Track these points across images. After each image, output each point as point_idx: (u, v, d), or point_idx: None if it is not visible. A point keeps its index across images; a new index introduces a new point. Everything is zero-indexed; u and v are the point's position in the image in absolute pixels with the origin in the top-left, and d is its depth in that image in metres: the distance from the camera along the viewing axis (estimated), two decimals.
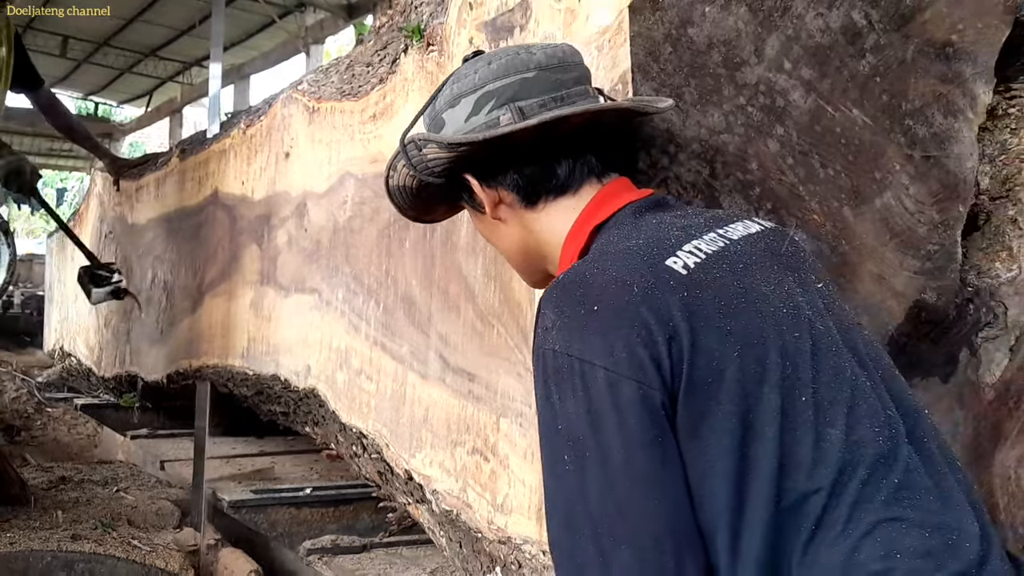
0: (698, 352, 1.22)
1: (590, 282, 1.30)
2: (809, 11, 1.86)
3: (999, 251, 2.07)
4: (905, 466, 1.23)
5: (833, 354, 1.30)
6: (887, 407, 1.29)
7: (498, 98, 1.48)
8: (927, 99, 1.96)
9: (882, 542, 1.17)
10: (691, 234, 1.37)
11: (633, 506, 1.22)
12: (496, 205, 1.54)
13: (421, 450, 2.34)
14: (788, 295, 1.33)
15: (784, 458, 1.21)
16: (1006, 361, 2.01)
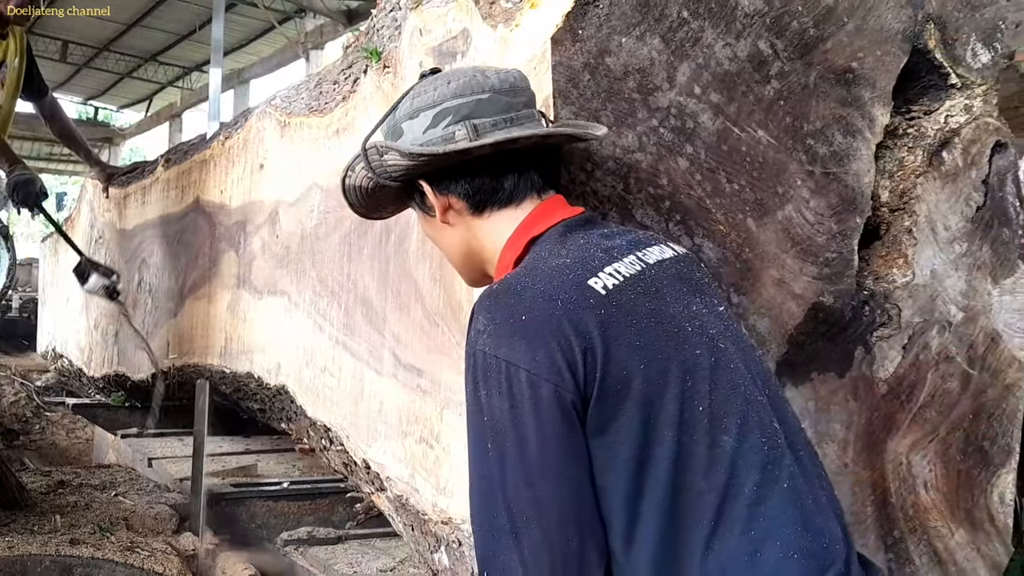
0: (610, 363, 1.43)
1: (520, 294, 1.50)
2: (718, 41, 2.09)
3: (896, 258, 2.31)
4: (790, 473, 1.45)
5: (730, 371, 1.51)
6: (773, 420, 1.50)
7: (455, 115, 1.67)
8: (828, 120, 2.20)
9: (781, 544, 1.39)
10: (613, 256, 1.57)
11: (544, 491, 1.43)
12: (446, 210, 1.72)
13: (377, 440, 2.58)
14: (694, 316, 1.54)
15: (680, 459, 1.42)
16: (899, 358, 2.25)
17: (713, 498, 1.41)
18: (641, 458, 1.43)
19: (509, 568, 1.44)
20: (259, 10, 19.19)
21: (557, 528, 1.43)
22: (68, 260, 5.51)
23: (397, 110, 1.75)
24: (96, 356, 5.58)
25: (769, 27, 2.13)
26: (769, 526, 1.40)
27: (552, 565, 1.42)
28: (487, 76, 1.72)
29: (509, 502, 1.44)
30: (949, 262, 2.31)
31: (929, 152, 2.32)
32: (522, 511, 1.43)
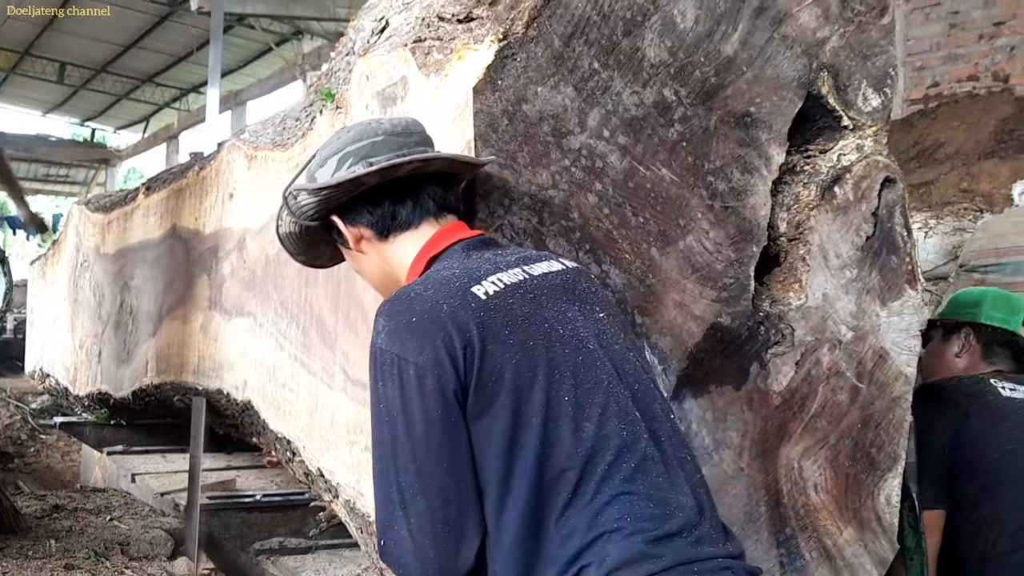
0: (486, 357, 1.72)
1: (412, 300, 1.81)
2: (626, 89, 2.39)
3: (792, 283, 2.61)
4: (643, 456, 1.74)
5: (596, 368, 1.80)
6: (635, 411, 1.79)
7: (355, 156, 1.99)
8: (727, 160, 2.50)
9: (618, 509, 1.68)
10: (499, 268, 1.88)
11: (427, 467, 1.72)
12: (358, 240, 2.03)
13: (329, 450, 2.88)
14: (568, 320, 1.84)
15: (546, 442, 1.71)
16: (792, 373, 2.55)
17: (573, 475, 1.69)
18: (512, 440, 1.71)
19: (400, 536, 1.73)
20: (257, 32, 19.57)
21: (439, 500, 1.71)
22: (55, 281, 5.82)
23: (312, 162, 2.08)
24: (81, 375, 5.90)
25: (673, 76, 2.42)
26: (614, 495, 1.68)
27: (435, 533, 1.71)
28: (380, 123, 2.06)
29: (399, 478, 1.73)
30: (840, 286, 2.61)
31: (822, 187, 2.62)
32: (410, 485, 1.72)
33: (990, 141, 7.51)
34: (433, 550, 1.72)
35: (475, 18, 2.45)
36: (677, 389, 2.41)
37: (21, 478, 7.39)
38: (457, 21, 2.49)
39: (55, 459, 8.42)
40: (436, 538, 1.72)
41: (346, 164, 1.99)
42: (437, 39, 2.49)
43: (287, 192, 2.07)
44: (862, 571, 2.59)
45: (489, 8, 2.44)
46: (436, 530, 1.72)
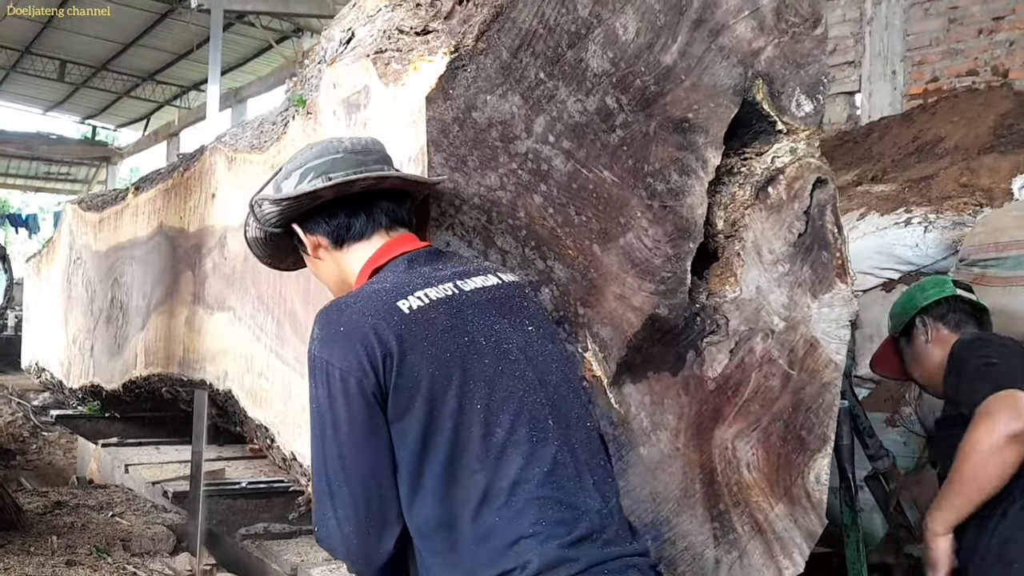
0: (404, 365, 1.92)
1: (343, 310, 2.02)
2: (570, 98, 2.62)
3: (728, 277, 2.87)
4: (554, 461, 1.96)
5: (514, 377, 2.01)
6: (548, 419, 2.00)
7: (315, 171, 2.19)
8: (666, 162, 2.73)
9: (533, 513, 1.90)
10: (430, 283, 2.06)
11: (350, 461, 1.94)
12: (316, 247, 2.24)
13: (301, 436, 3.13)
14: (493, 333, 2.05)
15: (456, 445, 1.92)
16: (726, 360, 2.80)
17: (483, 477, 1.90)
18: (424, 441, 1.92)
19: (330, 524, 1.97)
20: (256, 30, 19.82)
21: (361, 491, 1.94)
22: (50, 278, 6.11)
23: (278, 175, 2.32)
24: (74, 369, 6.19)
25: (615, 85, 2.66)
26: (527, 501, 1.89)
27: (357, 522, 1.94)
28: (342, 141, 2.28)
29: (328, 471, 1.96)
30: (773, 280, 2.86)
31: (756, 188, 2.88)
32: (336, 477, 1.95)
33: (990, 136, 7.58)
34: (356, 537, 1.95)
35: (431, 31, 2.69)
36: (617, 375, 2.64)
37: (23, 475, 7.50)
38: (415, 34, 2.74)
39: (57, 456, 8.51)
40: (359, 526, 1.94)
41: (307, 178, 2.20)
42: (397, 50, 2.73)
43: (253, 201, 2.29)
44: (792, 544, 2.84)
45: (444, 22, 2.68)
46: (359, 519, 1.94)
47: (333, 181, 2.16)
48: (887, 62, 9.32)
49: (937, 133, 8.05)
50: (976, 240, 4.74)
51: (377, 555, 1.97)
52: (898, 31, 9.25)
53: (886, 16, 9.28)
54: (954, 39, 8.99)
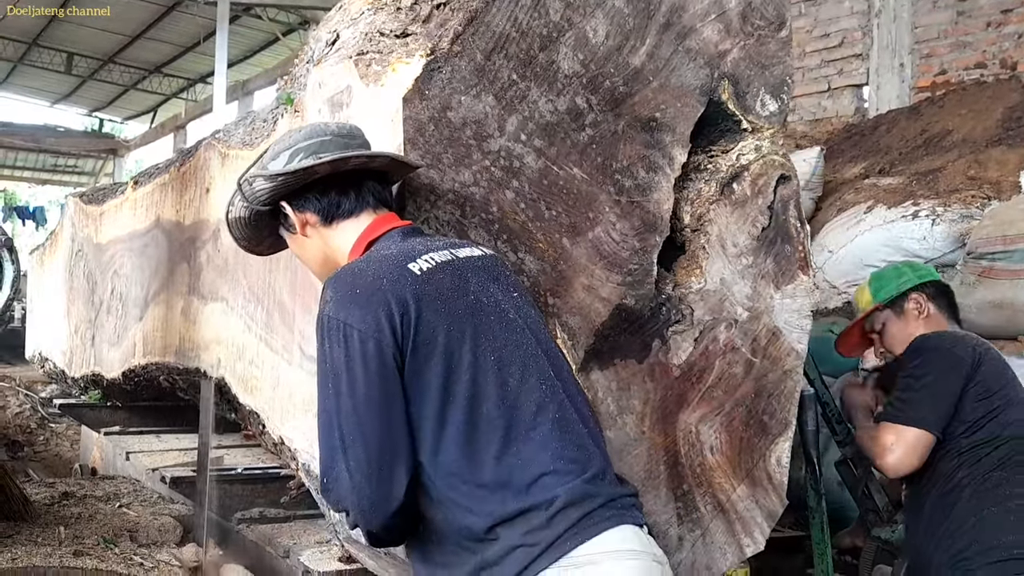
0: (421, 323, 2.09)
1: (357, 274, 2.17)
2: (542, 98, 2.80)
3: (694, 269, 3.05)
4: (559, 408, 2.16)
5: (517, 333, 2.21)
6: (550, 371, 2.20)
7: (305, 151, 2.34)
8: (634, 160, 2.92)
9: (551, 453, 2.10)
10: (430, 249, 2.25)
11: (365, 418, 2.08)
12: (304, 225, 2.38)
13: (288, 420, 3.34)
14: (491, 294, 2.24)
15: (475, 394, 2.09)
16: (691, 348, 2.99)
17: (502, 422, 2.08)
18: (445, 392, 2.08)
19: (341, 475, 2.10)
20: (263, 22, 20.00)
21: (375, 446, 2.07)
22: (53, 270, 6.35)
23: (264, 156, 2.47)
24: (76, 358, 6.43)
25: (585, 86, 2.84)
26: (543, 442, 2.09)
27: (370, 472, 2.08)
28: (328, 125, 2.46)
29: (341, 426, 2.09)
30: (737, 272, 3.05)
31: (721, 183, 3.06)
32: (350, 432, 2.08)
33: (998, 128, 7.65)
34: (368, 487, 2.08)
35: (410, 34, 2.87)
36: (585, 362, 2.83)
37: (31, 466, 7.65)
38: (395, 36, 2.91)
39: (64, 447, 8.72)
40: (371, 477, 2.08)
41: (297, 158, 2.35)
42: (377, 52, 2.92)
43: (242, 179, 2.43)
44: (753, 523, 3.03)
45: (422, 25, 2.85)
46: (371, 470, 2.07)
47: (328, 157, 2.31)
48: (895, 55, 9.45)
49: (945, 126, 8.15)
50: (984, 233, 4.91)
51: (388, 505, 2.09)
52: (906, 24, 9.38)
53: (894, 8, 9.41)
54: (962, 32, 9.10)
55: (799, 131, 9.61)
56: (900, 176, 6.92)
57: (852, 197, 6.67)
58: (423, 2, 2.87)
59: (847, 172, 7.82)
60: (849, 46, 9.93)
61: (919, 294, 3.57)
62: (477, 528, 2.08)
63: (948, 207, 5.68)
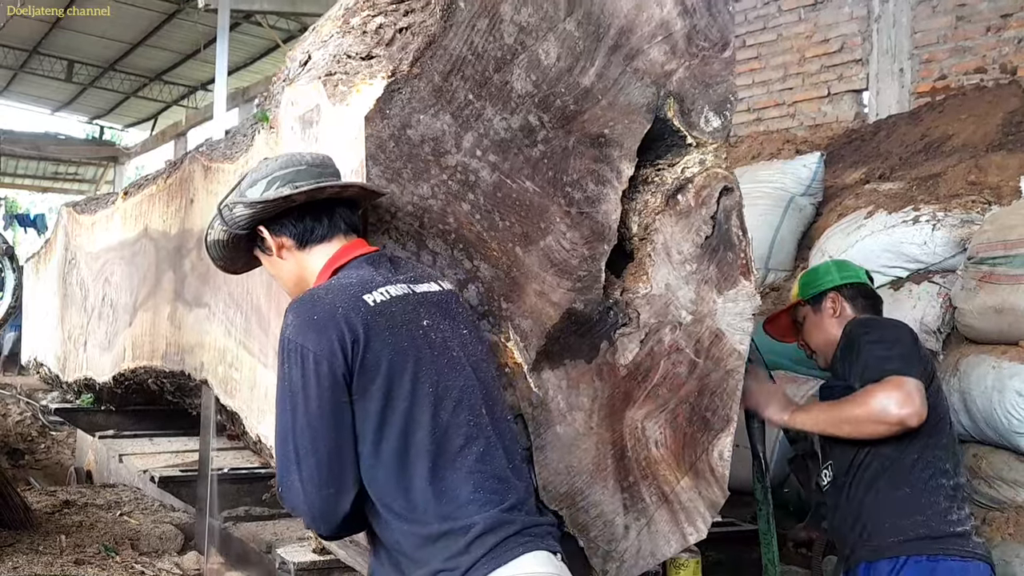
0: (368, 351, 2.32)
1: (316, 301, 2.41)
2: (496, 116, 3.05)
3: (641, 275, 3.34)
4: (487, 443, 2.41)
5: (456, 369, 2.43)
6: (482, 407, 2.44)
7: (281, 180, 2.58)
8: (583, 173, 3.17)
9: (473, 483, 2.36)
10: (389, 281, 2.47)
11: (319, 433, 2.34)
12: (280, 248, 2.62)
13: (264, 419, 3.63)
14: (439, 330, 2.49)
15: (409, 421, 2.33)
16: (637, 349, 3.27)
17: (430, 451, 2.34)
18: (383, 417, 2.34)
19: (294, 485, 2.38)
20: (263, 29, 20.24)
21: (325, 459, 2.35)
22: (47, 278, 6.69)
23: (242, 184, 2.69)
24: (69, 363, 6.77)
25: (537, 105, 3.09)
26: (467, 473, 2.34)
27: (319, 484, 2.35)
28: (303, 156, 2.69)
29: (296, 441, 2.36)
30: (681, 278, 3.34)
31: (666, 195, 3.35)
32: (303, 447, 2.35)
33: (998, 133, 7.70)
34: (318, 499, 2.36)
35: (374, 56, 3.13)
36: (536, 362, 3.09)
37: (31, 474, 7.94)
38: (360, 59, 3.19)
39: (65, 455, 8.97)
40: (320, 488, 2.34)
41: (274, 186, 2.58)
42: (344, 73, 3.20)
43: (222, 205, 2.65)
44: (696, 513, 3.32)
45: (386, 48, 3.12)
46: (321, 482, 2.33)
47: (306, 187, 2.56)
48: (895, 60, 9.62)
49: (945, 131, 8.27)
50: (984, 238, 5.01)
51: (336, 514, 2.37)
52: (906, 29, 9.55)
53: (893, 14, 9.57)
54: (962, 36, 9.22)
55: (799, 136, 9.77)
56: (900, 181, 7.03)
57: (852, 202, 6.79)
58: (387, 26, 3.11)
59: (847, 177, 7.91)
60: (849, 51, 10.07)
61: (837, 294, 3.87)
62: (406, 546, 2.36)
63: (949, 212, 5.75)
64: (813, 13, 10.29)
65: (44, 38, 22.14)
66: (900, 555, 3.35)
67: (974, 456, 4.83)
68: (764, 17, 10.40)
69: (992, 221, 5.14)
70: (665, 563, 3.57)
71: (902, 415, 3.30)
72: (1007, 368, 4.64)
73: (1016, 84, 8.63)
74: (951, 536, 3.34)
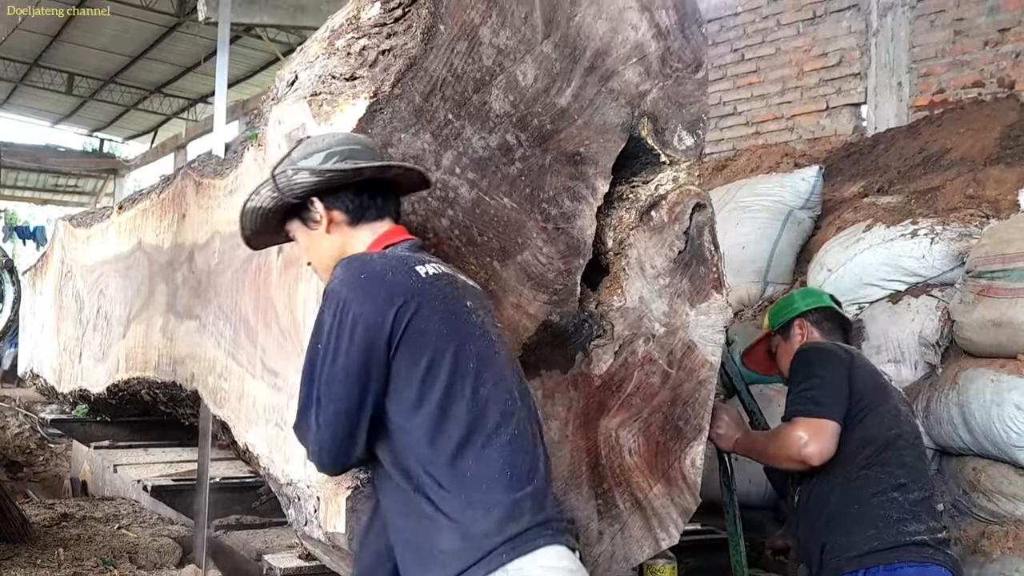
0: (416, 318, 2.40)
1: (367, 262, 2.50)
2: (475, 135, 3.17)
3: (616, 289, 3.50)
4: (518, 426, 2.46)
5: (492, 351, 2.51)
6: (514, 391, 2.51)
7: (340, 155, 2.61)
8: (559, 190, 3.30)
9: (502, 461, 2.38)
10: (431, 261, 2.59)
11: (341, 390, 2.41)
12: (331, 222, 2.63)
13: (251, 428, 3.79)
14: (479, 314, 2.55)
15: (448, 393, 2.39)
16: (611, 360, 3.43)
17: (465, 423, 2.39)
18: (423, 385, 2.40)
19: (311, 424, 2.49)
20: (264, 43, 20.39)
21: (344, 413, 2.42)
22: (43, 290, 6.88)
23: (292, 154, 2.69)
24: (65, 374, 6.95)
25: (515, 124, 3.23)
26: (499, 451, 2.39)
27: (334, 433, 2.46)
28: (357, 136, 2.79)
29: (319, 388, 2.44)
30: (655, 291, 3.50)
31: (640, 211, 3.51)
32: (325, 395, 2.43)
33: (996, 147, 7.69)
34: (330, 443, 2.46)
35: (357, 77, 3.28)
36: None
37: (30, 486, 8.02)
38: (344, 79, 3.33)
39: (64, 467, 9.01)
40: (334, 437, 2.45)
41: (333, 159, 2.60)
42: (329, 93, 3.34)
43: (277, 171, 2.65)
44: (669, 519, 3.47)
45: (369, 69, 3.27)
46: (336, 432, 2.44)
47: (376, 163, 2.64)
48: (893, 74, 9.70)
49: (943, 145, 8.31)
50: (982, 252, 5.07)
51: (342, 460, 2.51)
52: (904, 43, 9.63)
53: (892, 28, 9.66)
54: (960, 51, 9.26)
55: (798, 150, 9.82)
56: (899, 195, 7.09)
57: (851, 216, 6.84)
58: (370, 48, 3.25)
59: (846, 191, 7.96)
60: (847, 65, 10.14)
61: (802, 320, 4.06)
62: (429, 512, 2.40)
63: (947, 225, 5.78)
64: (812, 27, 10.39)
65: (45, 51, 22.39)
66: (859, 569, 3.50)
67: (973, 469, 4.87)
68: (763, 31, 10.51)
69: (990, 235, 5.19)
70: (642, 569, 3.71)
71: (803, 455, 3.58)
72: (1006, 381, 4.67)
73: (1014, 98, 8.65)
74: (908, 545, 3.47)
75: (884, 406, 3.68)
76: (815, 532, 3.65)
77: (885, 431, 3.62)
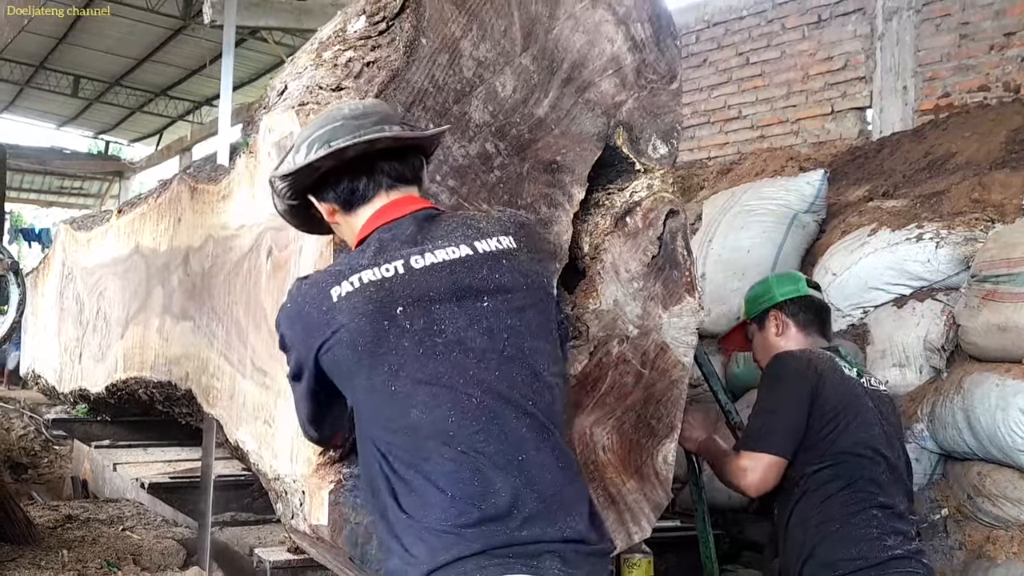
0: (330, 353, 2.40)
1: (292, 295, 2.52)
2: (455, 144, 3.32)
3: (591, 292, 3.68)
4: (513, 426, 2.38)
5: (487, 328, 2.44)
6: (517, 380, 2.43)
7: (319, 141, 2.48)
8: (536, 197, 3.46)
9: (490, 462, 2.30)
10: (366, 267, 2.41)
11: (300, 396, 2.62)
12: (331, 214, 2.58)
13: (241, 425, 3.99)
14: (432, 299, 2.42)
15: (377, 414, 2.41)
16: (586, 361, 3.60)
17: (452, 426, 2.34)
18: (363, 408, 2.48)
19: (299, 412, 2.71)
20: (269, 45, 20.60)
21: (313, 415, 2.67)
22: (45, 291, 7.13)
23: (291, 151, 2.62)
24: (65, 375, 7.19)
25: (494, 133, 3.38)
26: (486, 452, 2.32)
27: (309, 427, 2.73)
28: (340, 108, 2.60)
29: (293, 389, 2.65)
30: (629, 294, 3.68)
31: (615, 217, 3.70)
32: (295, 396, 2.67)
33: (1001, 151, 7.65)
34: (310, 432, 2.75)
35: (343, 88, 3.45)
36: None
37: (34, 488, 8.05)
38: (331, 90, 3.50)
39: (68, 469, 8.96)
40: (309, 430, 2.74)
41: (313, 148, 2.49)
42: (316, 103, 3.53)
43: (271, 179, 2.65)
44: (641, 514, 3.65)
45: (354, 80, 3.45)
46: (311, 426, 2.71)
47: (324, 151, 2.47)
48: (898, 77, 9.79)
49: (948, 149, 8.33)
50: (988, 256, 5.14)
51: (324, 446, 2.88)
52: (909, 47, 9.72)
53: (897, 32, 9.75)
54: (965, 55, 9.33)
55: (803, 154, 9.85)
56: (904, 199, 7.13)
57: (856, 220, 6.88)
58: (356, 60, 3.41)
59: (851, 195, 8.02)
60: (852, 69, 10.20)
61: (778, 311, 4.06)
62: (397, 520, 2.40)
63: (952, 230, 5.84)
64: (817, 31, 10.48)
65: (50, 53, 22.66)
66: None
67: (978, 474, 4.91)
68: (768, 35, 10.64)
69: (995, 239, 5.23)
70: (619, 563, 3.91)
71: (742, 486, 3.74)
72: (1011, 386, 4.70)
73: (1020, 102, 8.62)
74: (890, 560, 3.56)
75: (858, 418, 3.72)
76: (795, 547, 3.71)
77: (861, 447, 3.68)
